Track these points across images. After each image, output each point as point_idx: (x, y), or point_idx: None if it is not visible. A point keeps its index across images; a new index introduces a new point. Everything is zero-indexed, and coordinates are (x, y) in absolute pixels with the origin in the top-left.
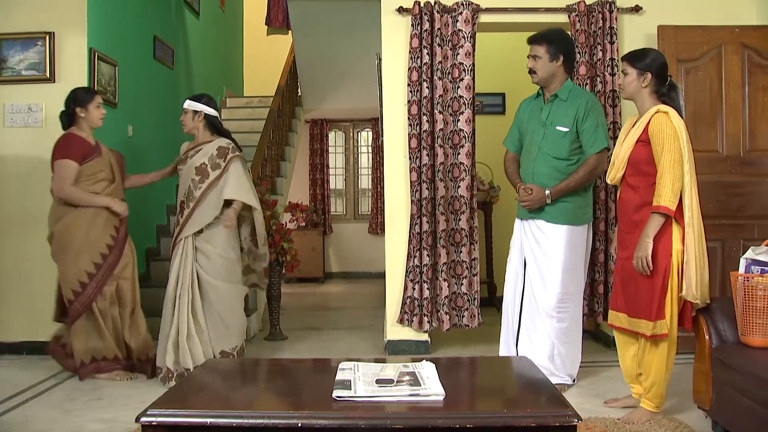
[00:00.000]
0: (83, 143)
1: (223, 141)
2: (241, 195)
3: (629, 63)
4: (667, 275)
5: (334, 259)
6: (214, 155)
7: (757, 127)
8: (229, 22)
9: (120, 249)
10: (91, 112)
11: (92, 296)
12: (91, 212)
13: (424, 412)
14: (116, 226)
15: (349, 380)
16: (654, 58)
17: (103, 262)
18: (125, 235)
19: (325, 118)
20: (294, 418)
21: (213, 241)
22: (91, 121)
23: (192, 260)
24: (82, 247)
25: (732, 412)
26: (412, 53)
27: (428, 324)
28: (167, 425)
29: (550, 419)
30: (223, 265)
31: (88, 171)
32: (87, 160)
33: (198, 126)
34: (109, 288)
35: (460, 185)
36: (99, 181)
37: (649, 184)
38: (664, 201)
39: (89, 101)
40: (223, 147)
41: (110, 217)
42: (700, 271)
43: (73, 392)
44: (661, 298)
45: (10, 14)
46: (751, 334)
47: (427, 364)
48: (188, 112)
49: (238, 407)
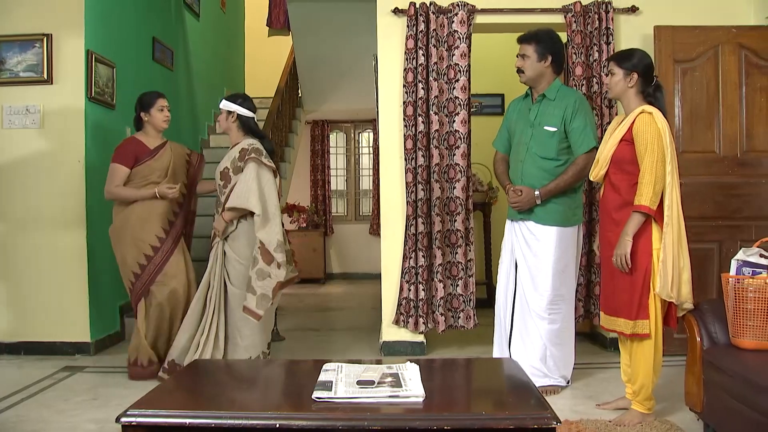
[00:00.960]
0: (137, 147)
1: (246, 142)
2: (243, 202)
3: (616, 63)
4: (647, 275)
5: (335, 260)
6: (236, 158)
7: (755, 128)
8: (230, 23)
9: (166, 252)
10: (153, 115)
11: (140, 293)
12: (137, 213)
13: (403, 413)
14: (165, 229)
15: (330, 381)
16: (640, 58)
17: (147, 262)
18: (174, 240)
19: (326, 119)
20: (272, 419)
21: (234, 246)
22: (155, 124)
23: (221, 265)
24: (129, 245)
25: (723, 414)
26: (408, 54)
27: (423, 325)
28: (147, 425)
29: (528, 421)
30: (241, 271)
31: (140, 173)
32: (139, 163)
33: (231, 127)
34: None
35: (456, 186)
36: (149, 184)
37: (631, 184)
38: (645, 200)
39: (152, 105)
40: (244, 149)
41: (159, 217)
42: (678, 270)
43: (67, 392)
44: (642, 298)
45: (8, 16)
46: (742, 336)
47: (410, 366)
48: (223, 112)
49: (219, 407)
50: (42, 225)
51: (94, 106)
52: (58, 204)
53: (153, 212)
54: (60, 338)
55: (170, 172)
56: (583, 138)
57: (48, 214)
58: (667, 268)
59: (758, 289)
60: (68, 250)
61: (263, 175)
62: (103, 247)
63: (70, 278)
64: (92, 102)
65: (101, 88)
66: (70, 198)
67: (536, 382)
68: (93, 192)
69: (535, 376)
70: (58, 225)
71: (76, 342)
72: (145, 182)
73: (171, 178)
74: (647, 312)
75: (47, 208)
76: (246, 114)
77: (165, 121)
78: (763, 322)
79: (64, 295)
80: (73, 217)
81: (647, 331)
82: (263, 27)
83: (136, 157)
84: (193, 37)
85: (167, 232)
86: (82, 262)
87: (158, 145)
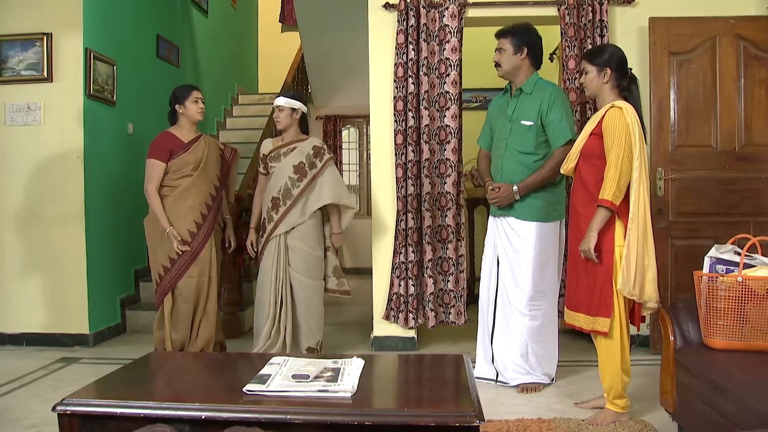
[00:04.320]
0: (170, 141)
1: (317, 141)
2: (341, 198)
3: (588, 61)
4: (609, 272)
5: (348, 255)
6: (310, 154)
7: (754, 121)
8: (242, 19)
9: (196, 248)
10: (188, 107)
11: (168, 287)
12: (168, 207)
13: (327, 408)
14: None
15: (269, 375)
16: (612, 53)
17: (177, 257)
18: (205, 235)
19: (338, 115)
20: (198, 410)
21: (305, 238)
22: (189, 116)
23: (285, 257)
24: (158, 242)
25: (690, 416)
26: (398, 49)
27: (413, 321)
28: (81, 414)
29: (450, 419)
30: (311, 262)
31: (175, 167)
32: (174, 157)
33: (294, 123)
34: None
35: (447, 181)
36: (183, 177)
37: (598, 179)
38: (608, 195)
39: (186, 97)
40: (318, 146)
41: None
42: (642, 269)
43: (58, 383)
44: (603, 295)
45: (10, 16)
46: (713, 336)
47: (356, 361)
48: (284, 110)
49: (155, 398)
50: (42, 219)
51: (93, 103)
52: (58, 199)
53: (184, 206)
54: (60, 330)
55: (203, 165)
56: (560, 131)
57: (48, 208)
58: (630, 265)
59: (730, 288)
60: (67, 244)
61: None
62: (101, 241)
63: (69, 271)
64: (91, 99)
65: (101, 85)
66: (69, 193)
67: (519, 380)
68: (91, 188)
69: (518, 373)
70: (58, 220)
71: (75, 334)
72: (179, 176)
73: (203, 171)
74: (609, 310)
75: (47, 203)
76: (305, 110)
77: (200, 112)
78: (733, 322)
79: (63, 288)
80: (72, 212)
81: (606, 329)
82: (277, 23)
83: (170, 150)
84: (201, 33)
85: (199, 227)
86: (81, 256)
87: (192, 138)
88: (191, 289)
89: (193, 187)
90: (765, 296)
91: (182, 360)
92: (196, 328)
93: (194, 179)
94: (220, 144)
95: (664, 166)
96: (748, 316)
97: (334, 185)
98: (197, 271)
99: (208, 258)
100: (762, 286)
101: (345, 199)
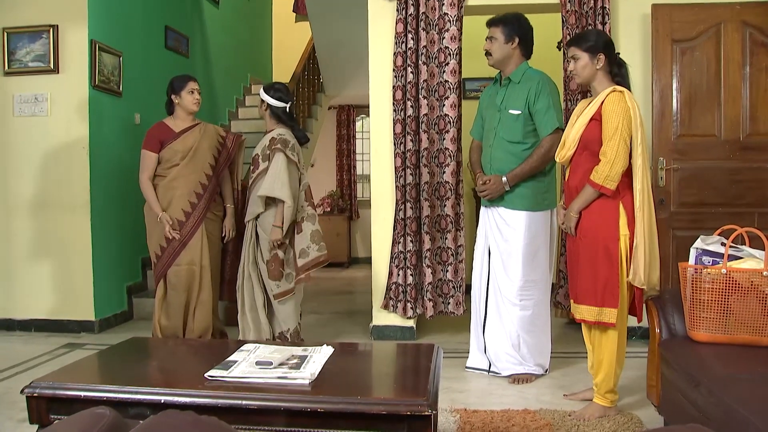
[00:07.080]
0: (161, 131)
1: (277, 132)
2: (272, 191)
3: (578, 47)
4: (614, 262)
5: (361, 244)
6: (266, 146)
7: (759, 110)
8: (256, 10)
9: (185, 235)
10: (184, 98)
11: (161, 272)
12: (160, 194)
13: (283, 394)
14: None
15: (234, 361)
16: (599, 36)
17: (167, 244)
18: (196, 222)
19: (351, 104)
20: (158, 395)
21: (264, 226)
22: (185, 107)
23: (252, 243)
24: (153, 227)
25: (672, 409)
26: (397, 38)
27: (412, 310)
28: (47, 397)
29: (401, 407)
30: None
31: (166, 156)
32: (164, 147)
33: (264, 115)
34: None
35: (445, 171)
36: (172, 166)
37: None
38: (599, 179)
39: (182, 88)
40: (273, 138)
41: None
42: (648, 257)
43: (60, 367)
44: (609, 286)
45: (18, 8)
46: (697, 329)
47: (325, 349)
48: (259, 101)
49: (119, 383)
50: (50, 208)
51: (98, 94)
52: (65, 188)
53: (172, 195)
54: (66, 316)
55: (191, 154)
56: (547, 119)
57: (55, 197)
58: (638, 254)
59: (714, 280)
60: (74, 232)
61: (291, 165)
62: (107, 230)
63: (76, 259)
64: (97, 90)
65: (106, 76)
66: (75, 183)
67: (511, 370)
68: (97, 177)
69: (510, 363)
70: (65, 208)
71: (81, 320)
72: (169, 165)
73: (191, 160)
74: (616, 301)
75: (55, 192)
76: (275, 104)
77: (195, 103)
78: (716, 314)
79: (70, 275)
80: (78, 201)
81: (613, 321)
82: (291, 13)
83: (160, 141)
84: (212, 24)
85: (188, 215)
86: (87, 244)
87: (185, 127)
88: (181, 278)
89: (181, 177)
90: (749, 289)
91: (159, 346)
92: (191, 317)
93: (181, 168)
94: (221, 131)
95: (666, 156)
96: (732, 309)
97: (270, 177)
98: (186, 260)
99: (199, 246)
100: (746, 279)
101: (277, 192)
